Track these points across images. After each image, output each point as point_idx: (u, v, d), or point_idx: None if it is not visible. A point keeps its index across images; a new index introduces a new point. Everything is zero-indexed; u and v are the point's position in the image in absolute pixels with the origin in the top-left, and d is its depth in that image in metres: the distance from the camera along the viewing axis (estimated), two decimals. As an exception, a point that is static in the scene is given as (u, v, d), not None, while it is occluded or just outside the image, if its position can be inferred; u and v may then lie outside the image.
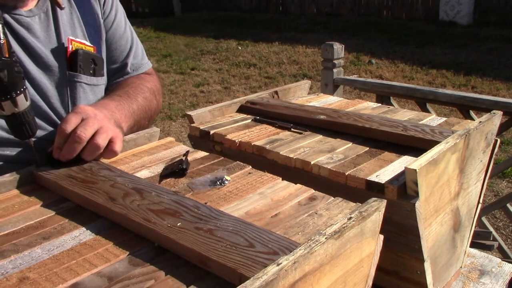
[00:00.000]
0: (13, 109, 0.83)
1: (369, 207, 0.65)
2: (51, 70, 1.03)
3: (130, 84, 1.18)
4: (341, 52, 2.72)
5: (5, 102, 0.82)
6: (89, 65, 1.09)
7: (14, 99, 0.82)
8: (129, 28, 1.25)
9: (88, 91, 1.10)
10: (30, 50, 1.01)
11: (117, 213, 0.73)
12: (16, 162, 0.97)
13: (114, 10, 1.20)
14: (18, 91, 0.82)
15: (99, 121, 0.90)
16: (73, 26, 1.09)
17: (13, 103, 0.82)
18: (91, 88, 1.11)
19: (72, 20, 1.10)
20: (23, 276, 0.61)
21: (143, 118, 1.14)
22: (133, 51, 1.24)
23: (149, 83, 1.22)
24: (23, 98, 0.84)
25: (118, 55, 1.21)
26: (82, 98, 1.08)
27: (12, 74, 0.80)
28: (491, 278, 1.10)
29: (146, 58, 1.29)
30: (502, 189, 3.40)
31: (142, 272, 0.61)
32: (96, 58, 1.12)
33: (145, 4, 11.80)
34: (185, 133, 4.57)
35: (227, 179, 0.86)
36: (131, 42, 1.24)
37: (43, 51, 1.02)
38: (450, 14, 8.44)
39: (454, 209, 0.97)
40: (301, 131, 1.12)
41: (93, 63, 1.10)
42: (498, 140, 1.10)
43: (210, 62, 7.34)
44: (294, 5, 10.57)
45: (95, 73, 1.11)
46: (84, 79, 1.08)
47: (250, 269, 0.57)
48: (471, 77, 5.76)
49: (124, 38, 1.22)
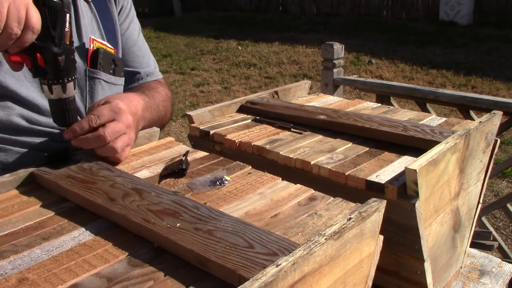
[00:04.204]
0: (61, 94, 0.86)
1: (368, 208, 0.65)
2: None
3: (153, 87, 1.22)
4: (341, 52, 2.72)
5: (56, 86, 0.85)
6: (109, 64, 1.13)
7: (65, 84, 0.86)
8: (142, 39, 1.29)
9: (107, 89, 1.13)
10: None
11: (116, 214, 0.72)
12: (35, 149, 1.01)
13: (129, 19, 1.25)
14: (70, 78, 0.86)
15: (127, 128, 0.92)
16: (93, 29, 1.13)
17: (63, 88, 0.86)
18: (110, 86, 1.14)
19: (92, 23, 1.13)
20: (22, 277, 0.61)
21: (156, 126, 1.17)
22: (146, 60, 1.28)
23: (166, 91, 1.26)
24: (72, 86, 0.87)
25: (130, 60, 1.24)
26: (100, 95, 1.11)
27: (68, 60, 0.85)
28: (491, 278, 1.10)
29: (158, 69, 1.32)
30: (502, 189, 3.40)
31: (142, 273, 0.61)
32: (117, 59, 1.15)
33: (145, 4, 11.80)
34: (185, 133, 4.57)
35: (227, 179, 0.85)
36: (144, 51, 1.28)
37: None
38: (450, 14, 8.44)
39: (454, 209, 0.97)
40: (301, 131, 1.12)
41: (113, 63, 1.14)
42: (498, 140, 1.10)
43: (210, 62, 7.34)
44: (294, 5, 10.57)
45: (114, 73, 1.14)
46: (103, 76, 1.11)
47: (250, 270, 0.57)
48: (471, 77, 5.76)
49: (136, 46, 1.26)
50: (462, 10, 8.27)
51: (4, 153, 0.99)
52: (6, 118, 0.98)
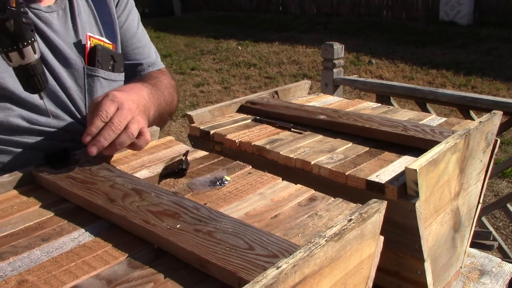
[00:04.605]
0: (20, 61, 0.82)
1: (369, 209, 0.65)
2: (70, 64, 1.06)
3: (156, 77, 1.21)
4: (341, 52, 2.72)
5: (12, 53, 0.81)
6: (108, 61, 1.12)
7: (21, 50, 0.81)
8: (142, 30, 1.28)
9: (106, 86, 1.12)
10: (49, 43, 1.03)
11: (116, 215, 0.72)
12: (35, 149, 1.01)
13: (128, 10, 1.24)
14: (26, 42, 0.81)
15: (132, 112, 0.91)
16: (91, 24, 1.12)
17: (20, 54, 0.81)
18: (109, 83, 1.13)
19: (89, 18, 1.12)
20: (22, 279, 0.61)
21: (166, 112, 1.17)
22: (147, 51, 1.27)
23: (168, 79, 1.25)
24: (30, 50, 0.82)
25: (131, 52, 1.23)
26: (100, 92, 1.10)
27: (19, 24, 0.79)
28: (491, 278, 1.10)
29: (159, 58, 1.32)
30: (502, 189, 3.39)
31: (141, 274, 0.61)
32: (115, 54, 1.14)
33: (145, 4, 11.79)
34: (185, 133, 4.57)
35: (227, 179, 0.85)
36: (144, 42, 1.27)
37: (61, 45, 1.04)
38: (450, 14, 8.44)
39: (454, 209, 0.97)
40: (301, 131, 1.12)
41: (112, 59, 1.13)
42: (498, 140, 1.10)
43: (210, 62, 7.34)
44: (294, 5, 10.57)
45: (113, 69, 1.13)
46: (102, 74, 1.10)
47: (250, 273, 0.57)
48: (471, 77, 5.76)
49: (136, 38, 1.25)
50: (462, 10, 8.27)
51: (4, 153, 0.99)
52: (6, 119, 0.98)
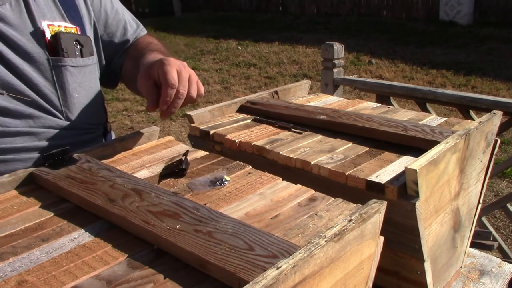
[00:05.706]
0: None
1: (369, 209, 0.65)
2: (32, 57, 0.99)
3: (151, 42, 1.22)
4: (341, 52, 2.72)
5: None
6: (73, 46, 1.06)
7: None
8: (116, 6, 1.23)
9: (76, 73, 1.07)
10: (6, 39, 0.96)
11: (116, 215, 0.72)
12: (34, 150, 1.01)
13: None
14: None
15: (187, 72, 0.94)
16: (50, 8, 1.05)
17: None
18: (79, 69, 1.08)
19: (48, 3, 1.05)
20: (22, 279, 0.61)
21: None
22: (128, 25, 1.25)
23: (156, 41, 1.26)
24: None
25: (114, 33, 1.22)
26: (71, 82, 1.06)
27: None
28: (491, 278, 1.10)
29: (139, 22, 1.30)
30: (502, 189, 3.39)
31: (141, 275, 0.61)
32: (81, 38, 1.08)
33: (145, 4, 11.80)
34: (185, 133, 4.57)
35: (226, 179, 0.85)
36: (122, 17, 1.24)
37: (19, 39, 0.98)
38: (450, 14, 8.44)
39: (454, 209, 0.97)
40: (301, 131, 1.12)
41: (78, 44, 1.07)
42: (498, 140, 1.10)
43: (210, 62, 7.34)
44: (294, 5, 10.56)
45: (82, 54, 1.08)
46: (69, 62, 1.04)
47: (250, 273, 0.57)
48: (471, 77, 5.76)
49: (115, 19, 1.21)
50: (462, 10, 8.27)
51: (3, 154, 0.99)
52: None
